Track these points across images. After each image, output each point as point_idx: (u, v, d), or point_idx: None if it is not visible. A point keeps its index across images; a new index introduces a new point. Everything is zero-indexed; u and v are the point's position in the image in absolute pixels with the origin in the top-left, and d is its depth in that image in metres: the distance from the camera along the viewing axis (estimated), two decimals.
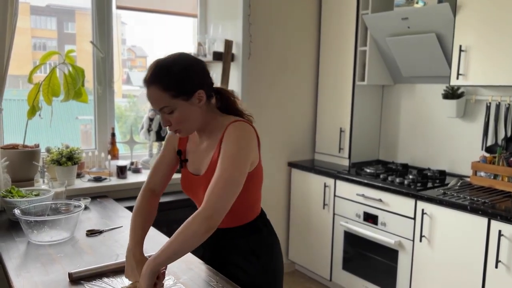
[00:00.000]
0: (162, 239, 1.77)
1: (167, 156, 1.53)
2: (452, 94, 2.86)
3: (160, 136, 2.93)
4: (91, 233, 1.83)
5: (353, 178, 2.90)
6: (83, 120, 3.03)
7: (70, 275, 1.38)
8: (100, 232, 1.85)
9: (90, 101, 2.70)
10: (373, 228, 2.80)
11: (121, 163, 2.76)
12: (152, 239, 1.69)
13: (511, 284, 2.12)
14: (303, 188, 3.34)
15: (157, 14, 3.09)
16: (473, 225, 2.26)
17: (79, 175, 2.64)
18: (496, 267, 2.16)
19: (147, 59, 3.36)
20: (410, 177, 2.78)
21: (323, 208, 3.15)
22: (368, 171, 3.01)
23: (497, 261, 2.16)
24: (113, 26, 2.85)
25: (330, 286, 3.25)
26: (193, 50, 3.15)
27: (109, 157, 2.82)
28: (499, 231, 2.14)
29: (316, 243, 3.25)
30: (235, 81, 3.09)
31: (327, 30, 3.39)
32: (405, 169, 3.10)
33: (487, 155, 2.69)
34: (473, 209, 2.24)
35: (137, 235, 1.39)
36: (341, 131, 3.31)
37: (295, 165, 3.40)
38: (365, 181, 2.82)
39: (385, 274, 2.75)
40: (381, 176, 2.87)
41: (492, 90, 2.75)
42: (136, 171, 2.86)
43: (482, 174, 2.66)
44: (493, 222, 2.17)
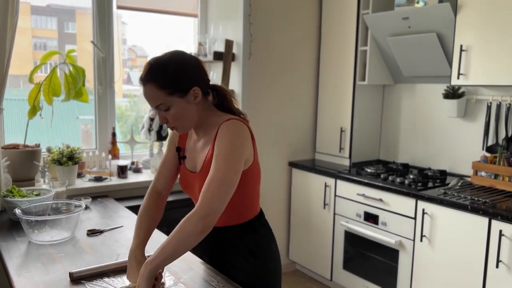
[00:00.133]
0: (162, 238, 1.77)
1: (170, 157, 1.53)
2: (452, 94, 2.86)
3: (161, 136, 2.94)
4: (91, 232, 1.83)
5: (354, 178, 2.90)
6: (83, 120, 3.03)
7: (71, 274, 1.38)
8: (100, 231, 1.85)
9: (90, 101, 2.70)
10: (373, 228, 2.79)
11: (121, 162, 2.76)
12: (152, 238, 1.69)
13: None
14: (304, 188, 3.34)
15: (158, 14, 3.09)
16: (473, 225, 2.26)
17: (79, 175, 2.65)
18: (497, 267, 2.16)
19: (147, 59, 3.35)
20: (411, 177, 2.78)
21: (324, 208, 3.15)
22: (369, 171, 3.01)
23: (498, 261, 2.16)
24: (114, 26, 2.85)
25: (331, 286, 3.25)
26: (193, 50, 3.15)
27: (109, 156, 2.82)
28: (500, 231, 2.14)
29: (316, 243, 3.25)
30: (235, 81, 3.09)
31: (327, 30, 3.39)
32: (405, 169, 3.09)
33: (488, 155, 2.68)
34: (474, 209, 2.24)
35: (140, 236, 1.41)
36: (341, 130, 3.31)
37: (295, 165, 3.40)
38: (366, 181, 2.82)
39: (385, 274, 2.75)
40: (381, 176, 2.86)
41: (492, 90, 2.74)
42: (137, 170, 2.86)
43: (483, 174, 2.66)
44: (493, 222, 2.17)
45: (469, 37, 2.52)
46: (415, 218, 2.55)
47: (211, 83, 1.44)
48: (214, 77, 3.13)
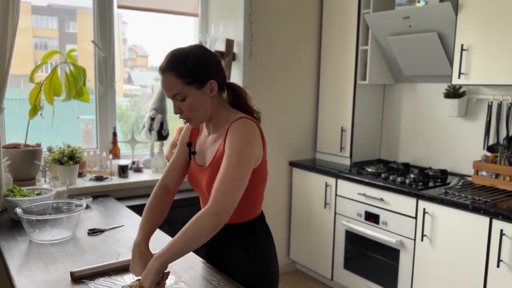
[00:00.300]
0: (164, 238, 1.77)
1: (181, 154, 1.55)
2: (453, 93, 2.86)
3: (162, 136, 2.94)
4: (92, 232, 1.84)
5: (355, 178, 2.90)
6: (84, 119, 3.03)
7: (71, 274, 1.38)
8: (101, 231, 1.86)
9: (91, 100, 2.70)
10: (374, 228, 2.79)
11: (122, 162, 2.76)
12: (153, 238, 1.69)
13: None
14: (304, 188, 3.34)
15: (158, 13, 3.09)
16: (474, 225, 2.26)
17: (80, 175, 2.65)
18: (498, 266, 2.16)
19: (148, 58, 3.36)
20: (412, 176, 2.78)
21: (325, 207, 3.15)
22: (370, 170, 3.01)
23: (499, 261, 2.15)
24: (115, 25, 2.85)
25: (332, 286, 3.25)
26: None
27: (110, 156, 2.83)
28: (501, 231, 2.14)
29: (317, 242, 3.25)
30: (236, 80, 3.09)
31: (328, 29, 3.39)
32: (406, 168, 3.09)
33: (489, 154, 2.68)
34: (475, 209, 2.24)
35: (144, 230, 1.42)
36: (342, 130, 3.31)
37: (296, 165, 3.40)
38: (367, 180, 2.82)
39: (386, 274, 2.75)
40: (382, 176, 2.86)
41: (493, 89, 2.74)
42: (138, 170, 2.86)
43: (484, 173, 2.65)
44: (494, 222, 2.17)
45: (470, 36, 2.52)
46: (416, 218, 2.55)
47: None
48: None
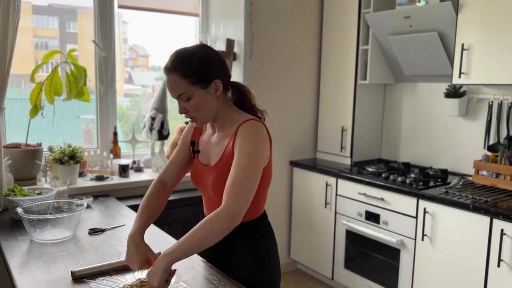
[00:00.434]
0: (164, 237, 1.78)
1: (182, 151, 1.55)
2: (454, 93, 2.86)
3: (162, 135, 2.94)
4: (93, 231, 1.84)
5: (355, 177, 2.90)
6: (85, 119, 3.03)
7: (72, 273, 1.38)
8: (102, 230, 1.86)
9: (92, 100, 2.70)
10: (375, 227, 2.79)
11: (123, 162, 2.76)
12: (154, 237, 1.70)
13: None
14: (305, 187, 3.34)
15: (159, 13, 3.09)
16: (475, 224, 2.26)
17: (81, 174, 2.65)
18: (498, 266, 2.16)
19: (148, 58, 3.36)
20: (412, 176, 2.77)
21: (325, 207, 3.15)
22: (370, 170, 3.01)
23: (499, 260, 2.15)
24: (115, 25, 2.85)
25: (332, 285, 3.25)
26: None
27: (111, 156, 2.83)
28: (501, 230, 2.14)
29: (318, 242, 3.25)
30: (237, 80, 3.02)
31: (329, 29, 3.38)
32: (407, 168, 3.09)
33: (489, 154, 2.68)
34: (475, 208, 2.24)
35: (140, 222, 1.42)
36: (343, 130, 3.31)
37: (296, 164, 3.40)
38: (367, 180, 2.82)
39: (387, 273, 2.75)
40: (383, 175, 2.86)
41: (494, 89, 2.74)
42: (138, 170, 2.86)
43: (484, 173, 2.65)
44: (495, 221, 2.17)
45: (470, 36, 2.52)
46: (416, 217, 2.55)
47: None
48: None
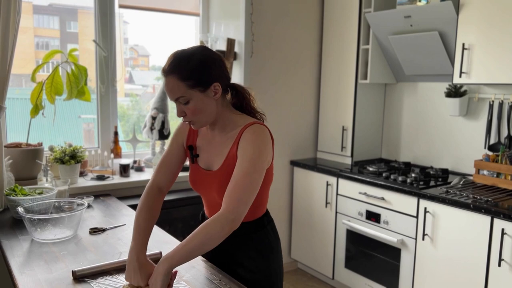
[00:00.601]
0: (165, 237, 1.78)
1: (174, 153, 1.50)
2: (455, 92, 2.86)
3: (163, 135, 2.94)
4: (94, 231, 1.84)
5: (356, 177, 2.90)
6: (86, 119, 3.04)
7: (73, 273, 1.38)
8: (103, 230, 1.86)
9: (93, 100, 2.70)
10: (375, 227, 2.79)
11: (124, 161, 2.77)
12: (154, 237, 1.70)
13: None
14: (306, 187, 3.34)
15: (160, 13, 3.09)
16: (476, 224, 2.26)
17: (82, 174, 2.65)
18: (499, 265, 2.16)
19: (149, 58, 3.36)
20: (413, 175, 2.77)
21: (326, 206, 3.15)
22: (371, 169, 3.01)
23: (500, 260, 2.15)
24: (116, 25, 2.85)
25: (333, 285, 3.25)
26: None
27: (112, 155, 2.83)
28: (502, 230, 2.14)
29: (318, 241, 3.25)
30: (237, 79, 3.09)
31: (329, 28, 3.38)
32: (407, 167, 3.09)
33: (490, 153, 2.68)
34: (476, 208, 2.24)
35: (142, 236, 1.36)
36: (343, 129, 3.31)
37: (297, 164, 3.40)
38: (368, 179, 2.82)
39: (387, 273, 2.75)
40: (383, 175, 2.86)
41: (495, 88, 2.74)
42: (139, 169, 2.86)
43: (485, 172, 2.65)
44: (496, 221, 2.17)
45: (471, 35, 2.52)
46: (417, 217, 2.55)
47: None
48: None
